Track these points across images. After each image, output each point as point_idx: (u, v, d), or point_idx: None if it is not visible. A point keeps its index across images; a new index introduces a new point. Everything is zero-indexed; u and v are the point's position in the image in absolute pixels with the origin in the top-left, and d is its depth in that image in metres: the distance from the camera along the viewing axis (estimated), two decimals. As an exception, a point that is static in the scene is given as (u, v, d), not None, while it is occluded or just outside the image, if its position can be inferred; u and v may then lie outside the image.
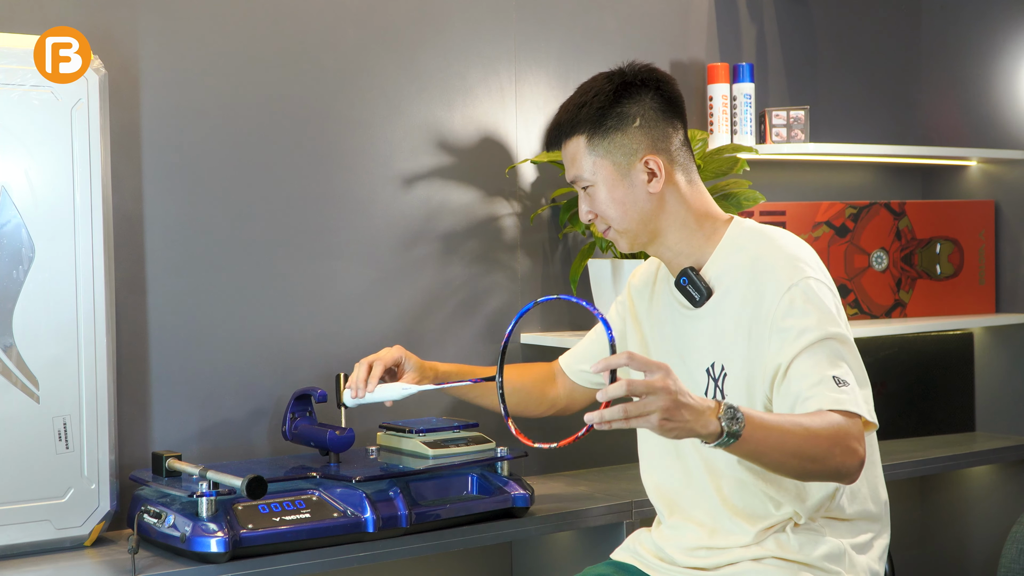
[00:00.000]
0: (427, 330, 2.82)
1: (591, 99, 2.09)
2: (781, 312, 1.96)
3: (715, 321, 2.06)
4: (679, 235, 2.10)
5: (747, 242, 2.07)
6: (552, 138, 2.15)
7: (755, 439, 1.78)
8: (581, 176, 2.10)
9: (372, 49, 2.75)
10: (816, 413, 1.88)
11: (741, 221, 2.12)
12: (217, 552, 2.16)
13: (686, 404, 1.71)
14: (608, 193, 2.08)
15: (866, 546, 2.08)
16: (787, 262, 2.01)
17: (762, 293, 2.00)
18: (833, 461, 1.86)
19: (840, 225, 3.24)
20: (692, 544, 2.10)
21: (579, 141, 2.09)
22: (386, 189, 2.76)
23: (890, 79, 3.64)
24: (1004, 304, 3.51)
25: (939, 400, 3.46)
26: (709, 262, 2.09)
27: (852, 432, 1.88)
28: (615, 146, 2.07)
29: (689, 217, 2.10)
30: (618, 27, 3.09)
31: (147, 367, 2.50)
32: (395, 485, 2.37)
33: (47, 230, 2.27)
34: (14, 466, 2.24)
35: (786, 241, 2.07)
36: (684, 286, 2.08)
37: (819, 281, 2.00)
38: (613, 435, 3.05)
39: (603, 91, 2.09)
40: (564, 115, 2.12)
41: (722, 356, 2.04)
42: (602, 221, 2.12)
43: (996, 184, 3.52)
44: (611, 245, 2.83)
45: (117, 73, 2.43)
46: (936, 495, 3.63)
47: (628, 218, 2.08)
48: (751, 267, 2.03)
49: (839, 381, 1.91)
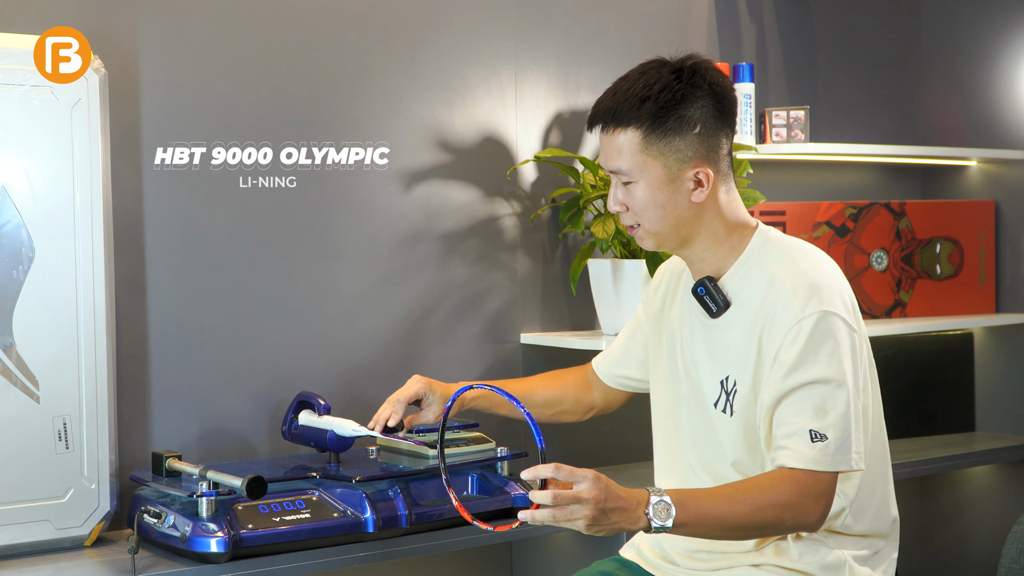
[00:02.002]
0: (427, 330, 2.82)
1: (656, 94, 1.96)
2: (787, 342, 1.93)
3: (731, 334, 2.02)
4: (707, 244, 2.04)
5: (768, 259, 2.01)
6: (602, 120, 2.01)
7: (690, 524, 1.84)
8: (624, 171, 1.99)
9: (372, 49, 2.75)
10: (770, 478, 1.90)
11: (766, 232, 2.06)
12: (217, 552, 2.16)
13: (613, 508, 1.79)
14: (650, 195, 1.99)
15: (869, 559, 2.06)
16: (805, 290, 1.95)
17: (774, 317, 1.95)
18: (784, 526, 1.91)
19: (840, 225, 3.24)
20: (693, 546, 2.09)
21: (632, 135, 1.97)
22: (386, 189, 2.76)
23: (890, 79, 3.64)
24: (1004, 304, 3.51)
25: (939, 400, 3.46)
26: (728, 273, 2.04)
27: (810, 492, 1.89)
28: (670, 149, 1.98)
29: (721, 228, 2.03)
30: (618, 27, 3.09)
31: (147, 367, 2.50)
32: (395, 485, 2.36)
33: (47, 230, 2.26)
34: (14, 466, 2.24)
35: (808, 264, 2.00)
36: (701, 295, 2.03)
37: (834, 315, 1.94)
38: (613, 435, 3.05)
39: (670, 88, 1.97)
40: (623, 103, 1.98)
41: (735, 371, 2.01)
42: (632, 217, 2.03)
43: (996, 184, 3.52)
44: (611, 245, 2.83)
45: (117, 73, 2.43)
46: (936, 495, 3.63)
47: (664, 222, 2.01)
48: (768, 287, 1.98)
49: (815, 435, 1.89)
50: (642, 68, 2.01)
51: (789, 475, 1.90)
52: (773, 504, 1.88)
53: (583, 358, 2.99)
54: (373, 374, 2.75)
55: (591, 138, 3.03)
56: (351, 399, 2.70)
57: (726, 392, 2.03)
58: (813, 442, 1.89)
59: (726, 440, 2.03)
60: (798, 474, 1.90)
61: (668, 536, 2.14)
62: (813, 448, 1.89)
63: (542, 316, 2.98)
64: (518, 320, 2.95)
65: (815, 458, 1.89)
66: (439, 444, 2.01)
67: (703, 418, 2.06)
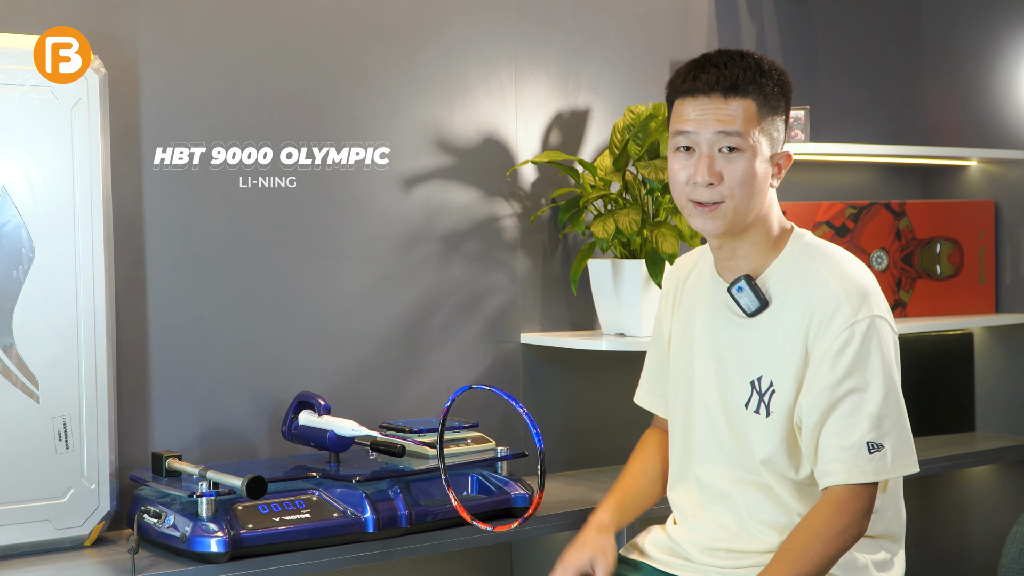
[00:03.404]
0: (427, 330, 2.82)
1: (777, 76, 2.01)
2: (836, 346, 1.94)
3: (768, 334, 2.01)
4: (757, 238, 2.05)
5: (811, 261, 2.02)
6: (719, 86, 1.98)
7: None
8: (738, 133, 1.97)
9: (372, 49, 2.75)
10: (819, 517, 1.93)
11: (802, 235, 2.07)
12: (217, 552, 2.16)
13: None
14: (750, 168, 1.98)
15: (887, 564, 2.07)
16: (857, 294, 1.97)
17: (824, 319, 1.96)
18: (849, 547, 1.95)
19: (840, 225, 3.24)
20: (713, 545, 2.08)
21: (748, 105, 1.98)
22: (386, 189, 2.76)
23: (890, 79, 3.64)
24: (1004, 304, 3.51)
25: (939, 400, 3.46)
26: (768, 272, 2.04)
27: (860, 506, 1.92)
28: (773, 128, 2.01)
29: (772, 223, 2.05)
30: (618, 27, 3.09)
31: (147, 367, 2.50)
32: (395, 485, 2.36)
33: (47, 230, 2.26)
34: (14, 466, 2.24)
35: (853, 269, 2.02)
36: (739, 293, 2.03)
37: (883, 320, 1.98)
38: (613, 436, 3.05)
39: (784, 75, 2.03)
40: (744, 72, 1.99)
41: (772, 372, 2.01)
42: (720, 192, 1.99)
43: (996, 184, 3.52)
44: (611, 245, 2.83)
45: (117, 73, 2.43)
46: (936, 495, 3.63)
47: (751, 201, 2.00)
48: (815, 288, 1.98)
49: (873, 447, 1.92)
50: (736, 50, 2.03)
51: (835, 502, 1.93)
52: (832, 537, 1.91)
53: (583, 358, 3.01)
54: (373, 374, 2.75)
55: (591, 138, 3.03)
56: (351, 399, 2.70)
57: (758, 392, 2.02)
58: (871, 453, 1.92)
59: (757, 439, 2.02)
60: (844, 493, 1.92)
61: (685, 533, 2.12)
62: (871, 461, 1.92)
63: (542, 316, 2.98)
64: (518, 320, 2.95)
65: (875, 471, 1.92)
66: (439, 444, 2.01)
67: (726, 418, 2.05)
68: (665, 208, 2.84)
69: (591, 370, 3.04)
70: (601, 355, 3.03)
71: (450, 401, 2.06)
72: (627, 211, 2.77)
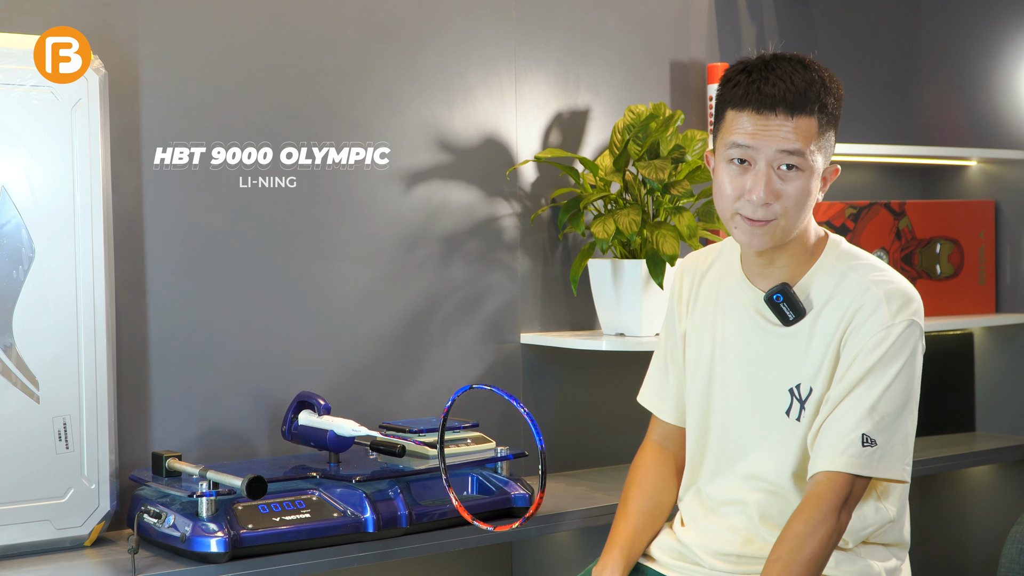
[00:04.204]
0: (427, 330, 2.82)
1: (835, 89, 1.95)
2: (869, 345, 1.92)
3: (805, 342, 1.99)
4: (798, 247, 2.01)
5: (849, 268, 1.99)
6: (788, 99, 1.90)
7: None
8: (799, 152, 1.91)
9: (372, 49, 2.75)
10: (803, 518, 1.89)
11: (838, 242, 2.04)
12: (217, 552, 2.16)
13: None
14: (806, 187, 1.93)
15: (897, 571, 2.06)
16: (899, 298, 1.95)
17: (862, 321, 1.94)
18: (834, 542, 1.91)
19: (840, 225, 3.24)
20: (723, 549, 2.05)
21: (810, 124, 1.91)
22: (386, 189, 2.76)
23: (890, 79, 3.64)
24: (1004, 304, 3.51)
25: (939, 400, 3.46)
26: (804, 280, 2.01)
27: (834, 503, 1.89)
28: (828, 143, 1.96)
29: (812, 232, 2.02)
30: (618, 27, 3.09)
31: (147, 367, 2.50)
32: (395, 485, 2.36)
33: (47, 230, 2.26)
34: (14, 466, 2.24)
35: (893, 274, 2.00)
36: (778, 303, 1.98)
37: (918, 326, 1.95)
38: (613, 436, 3.05)
39: (840, 87, 1.96)
40: (810, 88, 1.91)
41: (810, 378, 1.99)
42: (774, 210, 1.94)
43: (996, 184, 3.52)
44: (611, 246, 2.83)
45: (117, 73, 2.43)
46: (936, 495, 3.63)
47: (802, 217, 1.96)
48: (856, 293, 1.95)
49: (867, 440, 1.89)
50: (794, 56, 1.96)
51: (815, 496, 1.90)
52: (809, 534, 1.88)
53: (583, 358, 3.00)
54: (373, 374, 2.75)
55: (591, 138, 3.03)
56: (351, 399, 2.70)
57: (799, 399, 1.99)
58: (864, 446, 1.89)
59: (795, 447, 2.01)
60: (825, 482, 1.90)
61: (695, 537, 2.10)
62: (861, 454, 1.89)
63: (542, 316, 2.98)
64: (518, 320, 2.95)
65: (862, 464, 1.90)
66: (439, 444, 2.01)
67: (764, 425, 2.03)
68: (665, 208, 2.84)
69: (591, 370, 3.04)
70: (601, 355, 3.03)
71: (450, 401, 2.06)
72: (627, 211, 2.77)
